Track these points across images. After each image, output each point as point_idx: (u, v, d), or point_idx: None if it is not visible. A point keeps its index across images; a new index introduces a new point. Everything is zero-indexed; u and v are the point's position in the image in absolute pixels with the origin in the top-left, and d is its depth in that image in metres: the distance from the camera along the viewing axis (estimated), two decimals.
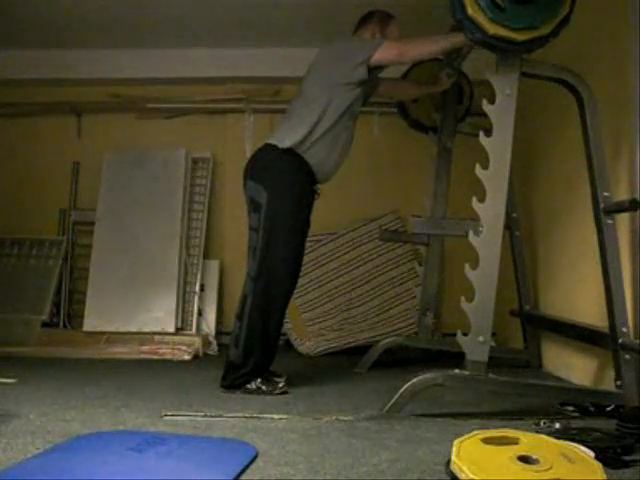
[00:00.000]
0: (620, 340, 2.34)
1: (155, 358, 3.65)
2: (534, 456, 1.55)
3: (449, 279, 4.13)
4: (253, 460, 1.70)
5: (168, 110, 4.52)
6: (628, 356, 2.32)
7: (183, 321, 4.10)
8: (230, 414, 2.24)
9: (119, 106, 4.51)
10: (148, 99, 4.49)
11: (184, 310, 4.13)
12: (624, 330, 2.34)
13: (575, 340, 2.91)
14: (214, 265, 4.35)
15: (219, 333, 4.15)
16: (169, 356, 3.66)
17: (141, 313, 4.01)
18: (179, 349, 3.74)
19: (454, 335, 2.33)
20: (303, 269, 2.91)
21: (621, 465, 1.71)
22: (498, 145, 2.34)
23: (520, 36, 2.24)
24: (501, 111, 2.34)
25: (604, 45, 2.79)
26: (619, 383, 2.34)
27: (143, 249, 4.16)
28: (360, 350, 3.57)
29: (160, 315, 4.01)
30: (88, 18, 3.86)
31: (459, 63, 3.19)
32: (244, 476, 1.59)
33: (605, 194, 2.42)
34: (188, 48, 4.27)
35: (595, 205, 2.44)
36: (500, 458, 1.55)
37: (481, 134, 2.34)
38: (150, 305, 4.03)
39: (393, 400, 2.27)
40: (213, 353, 3.92)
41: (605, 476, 1.50)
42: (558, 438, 1.76)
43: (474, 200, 2.33)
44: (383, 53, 2.69)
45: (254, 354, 2.66)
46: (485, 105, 2.35)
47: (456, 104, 3.50)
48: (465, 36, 2.37)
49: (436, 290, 3.56)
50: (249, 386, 2.66)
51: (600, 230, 2.42)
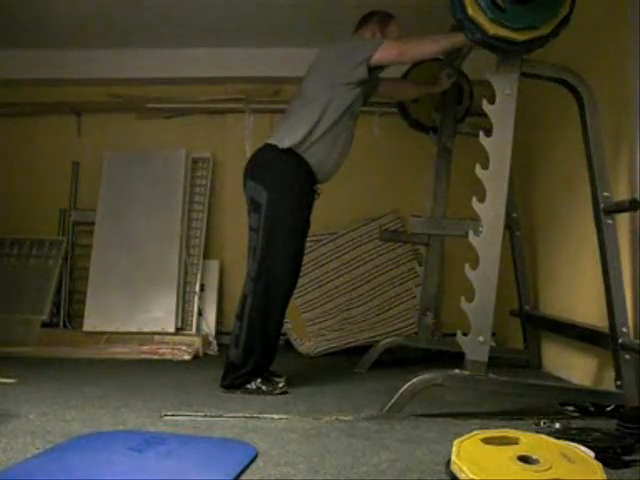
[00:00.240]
0: (620, 340, 2.34)
1: (155, 358, 3.65)
2: (534, 456, 1.55)
3: (449, 279, 4.13)
4: (253, 460, 1.70)
5: (168, 110, 4.53)
6: (628, 356, 2.33)
7: (183, 321, 4.10)
8: (230, 414, 2.24)
9: (119, 106, 4.52)
10: (148, 99, 4.50)
11: (184, 310, 4.13)
12: (624, 330, 2.35)
13: (575, 340, 2.91)
14: (214, 265, 4.36)
15: (219, 333, 4.15)
16: (169, 356, 3.66)
17: (141, 313, 4.01)
18: (179, 349, 3.74)
19: (454, 335, 2.33)
20: (303, 269, 2.91)
21: (621, 465, 1.71)
22: (498, 145, 2.34)
23: (520, 36, 2.24)
24: (501, 111, 2.34)
25: (604, 45, 2.79)
26: (619, 383, 2.34)
27: (143, 249, 4.16)
28: (360, 350, 3.57)
29: (160, 315, 4.01)
30: (88, 18, 3.86)
31: (459, 63, 3.20)
32: (244, 476, 1.59)
33: (605, 194, 2.42)
34: (188, 48, 4.28)
35: (595, 205, 2.44)
36: (500, 458, 1.55)
37: (481, 134, 2.34)
38: (150, 305, 4.03)
39: (393, 400, 2.27)
40: (213, 353, 3.92)
41: (605, 476, 1.50)
42: (558, 438, 1.76)
43: (474, 200, 2.33)
44: (383, 53, 2.69)
45: (254, 354, 2.66)
46: (485, 105, 2.35)
47: (456, 104, 3.49)
48: (465, 36, 2.36)
49: (436, 290, 3.57)
50: (249, 386, 2.66)
51: (600, 230, 2.42)
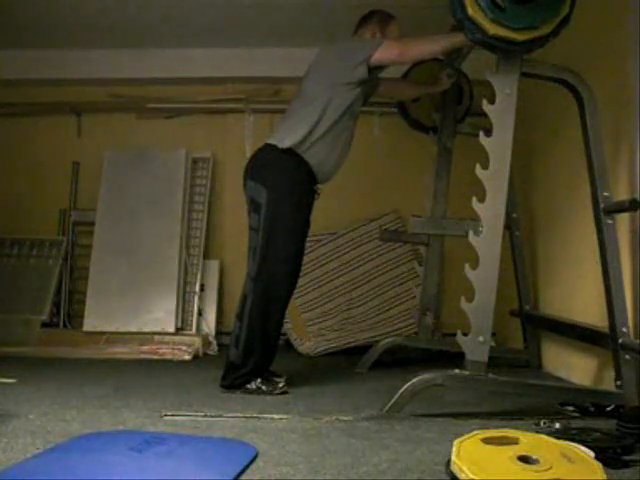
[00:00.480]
0: (620, 340, 2.34)
1: (155, 358, 3.65)
2: (534, 456, 1.55)
3: (449, 279, 4.13)
4: (253, 460, 1.70)
5: (168, 110, 4.53)
6: (628, 356, 2.33)
7: (183, 321, 4.10)
8: (230, 414, 2.24)
9: (119, 106, 4.52)
10: (148, 99, 4.50)
11: (184, 310, 4.13)
12: (624, 330, 2.35)
13: (575, 340, 2.91)
14: (214, 265, 4.35)
15: (219, 333, 4.15)
16: (169, 356, 3.66)
17: (141, 313, 4.01)
18: (179, 349, 3.74)
19: (454, 335, 2.33)
20: (303, 269, 2.91)
21: (621, 465, 1.71)
22: (498, 145, 2.34)
23: (520, 36, 2.24)
24: (501, 111, 2.34)
25: (604, 45, 2.79)
26: (619, 383, 2.34)
27: (143, 249, 4.16)
28: (360, 350, 3.57)
29: (160, 315, 4.01)
30: (88, 18, 3.86)
31: (459, 63, 3.19)
32: (244, 476, 1.59)
33: (605, 194, 2.42)
34: (188, 48, 4.28)
35: (595, 205, 2.44)
36: (500, 458, 1.55)
37: (481, 134, 2.34)
38: (150, 305, 4.03)
39: (393, 400, 2.27)
40: (213, 353, 3.92)
41: (605, 476, 1.50)
42: (558, 438, 1.75)
43: (474, 200, 2.33)
44: (383, 53, 2.69)
45: (254, 354, 2.66)
46: (485, 105, 2.35)
47: (456, 104, 3.50)
48: (465, 36, 2.36)
49: (436, 290, 3.57)
50: (249, 386, 2.66)
51: (600, 230, 2.42)
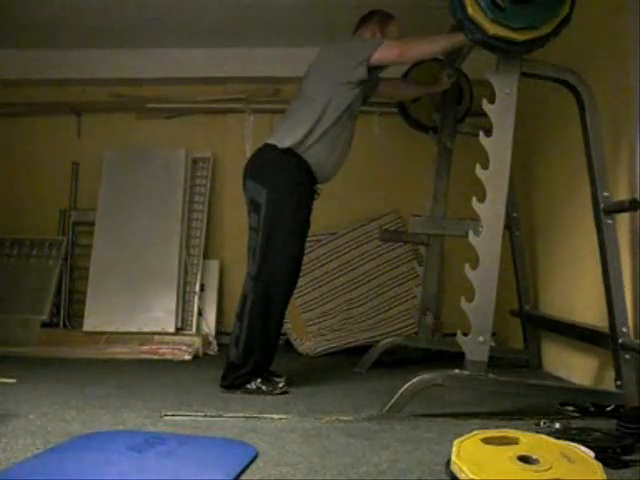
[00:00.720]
0: (620, 340, 2.34)
1: (155, 358, 3.65)
2: (534, 456, 1.55)
3: (449, 279, 4.13)
4: (253, 460, 1.70)
5: (168, 110, 4.53)
6: (628, 356, 2.33)
7: (183, 321, 4.10)
8: (230, 414, 2.24)
9: (119, 106, 4.52)
10: (148, 99, 4.50)
11: (184, 310, 4.13)
12: (624, 330, 2.34)
13: (575, 340, 2.91)
14: (214, 265, 4.35)
15: (219, 333, 4.15)
16: (169, 356, 3.66)
17: (141, 313, 4.01)
18: (179, 349, 3.74)
19: (454, 335, 2.33)
20: (303, 269, 2.91)
21: (621, 465, 1.71)
22: (498, 145, 2.34)
23: (520, 36, 2.24)
24: (501, 111, 2.34)
25: (604, 45, 2.79)
26: (619, 383, 2.34)
27: (143, 249, 4.16)
28: (360, 350, 3.57)
29: (160, 315, 4.01)
30: (88, 18, 3.86)
31: (459, 63, 3.19)
32: (244, 476, 1.59)
33: (605, 194, 2.42)
34: (188, 48, 4.28)
35: (595, 205, 2.44)
36: (500, 458, 1.55)
37: (481, 134, 2.34)
38: (150, 305, 4.03)
39: (393, 400, 2.27)
40: (213, 353, 3.92)
41: (605, 476, 1.50)
42: (558, 438, 1.75)
43: (474, 200, 2.33)
44: (383, 52, 2.69)
45: (254, 354, 2.66)
46: (485, 105, 2.35)
47: (456, 104, 3.49)
48: (465, 36, 2.36)
49: (436, 290, 3.57)
50: (249, 386, 2.66)
51: (600, 230, 2.42)
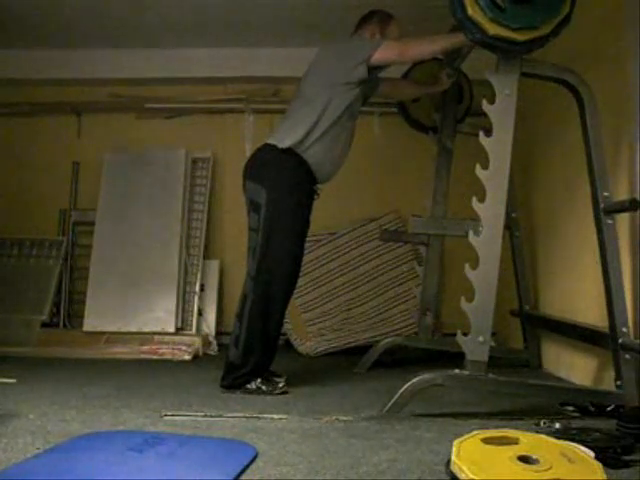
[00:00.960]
0: (620, 340, 2.33)
1: (155, 358, 3.65)
2: (534, 456, 1.55)
3: (449, 279, 4.13)
4: (253, 460, 1.70)
5: (168, 110, 4.52)
6: (628, 356, 2.32)
7: (183, 321, 4.10)
8: (230, 414, 2.24)
9: (119, 106, 4.52)
10: (148, 99, 4.50)
11: (184, 310, 4.13)
12: (624, 330, 2.34)
13: (575, 340, 2.91)
14: (214, 265, 4.35)
15: (219, 333, 4.15)
16: (169, 356, 3.66)
17: (141, 313, 4.01)
18: (179, 349, 3.74)
19: (454, 335, 2.33)
20: (303, 269, 2.91)
21: (621, 465, 1.71)
22: (498, 145, 2.34)
23: (520, 36, 2.24)
24: (501, 111, 2.34)
25: (604, 45, 2.79)
26: (619, 383, 2.34)
27: (143, 249, 4.16)
28: (360, 350, 3.57)
29: (160, 315, 4.01)
30: (88, 18, 3.86)
31: (459, 63, 3.19)
32: (244, 476, 1.59)
33: (605, 194, 2.42)
34: (188, 48, 4.27)
35: (595, 205, 2.44)
36: (500, 458, 1.55)
37: (481, 134, 2.34)
38: (150, 305, 4.03)
39: (393, 400, 2.27)
40: (213, 353, 3.92)
41: (605, 476, 1.50)
42: (558, 438, 1.76)
43: (474, 200, 2.33)
44: (383, 53, 2.69)
45: (254, 354, 2.66)
46: (485, 105, 2.35)
47: (456, 104, 3.49)
48: (465, 36, 2.36)
49: (436, 290, 3.57)
50: (249, 386, 2.66)
51: (600, 230, 2.42)
